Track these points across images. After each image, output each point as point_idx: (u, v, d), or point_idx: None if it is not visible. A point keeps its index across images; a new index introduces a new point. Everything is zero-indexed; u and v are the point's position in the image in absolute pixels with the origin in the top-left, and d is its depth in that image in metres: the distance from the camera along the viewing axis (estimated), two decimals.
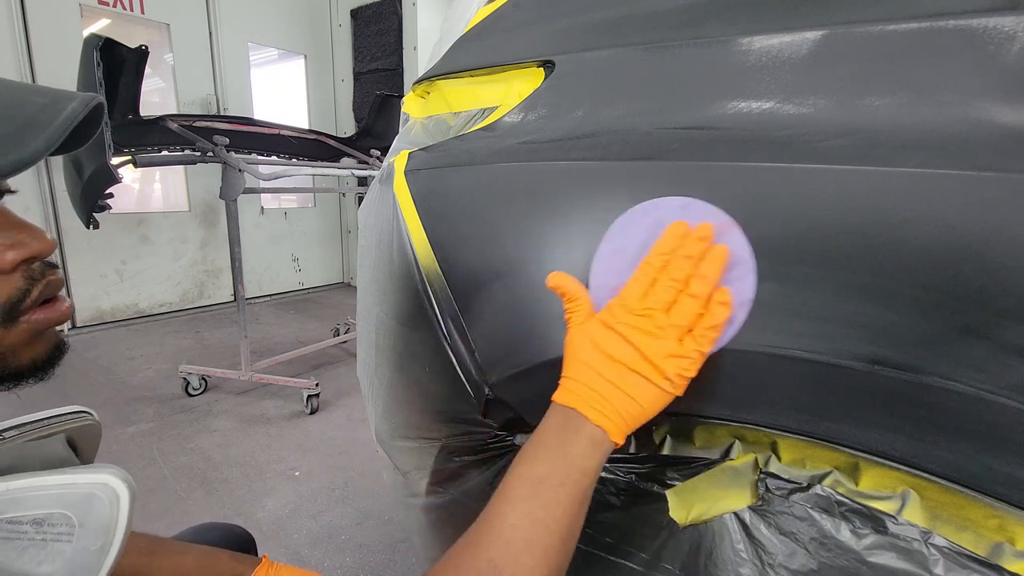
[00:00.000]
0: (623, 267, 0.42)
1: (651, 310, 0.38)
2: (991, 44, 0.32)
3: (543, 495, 0.37)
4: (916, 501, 0.37)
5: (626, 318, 0.39)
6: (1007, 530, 0.34)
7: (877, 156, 0.34)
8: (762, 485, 0.44)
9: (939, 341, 0.32)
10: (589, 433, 0.39)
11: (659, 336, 0.38)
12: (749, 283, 0.38)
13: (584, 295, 0.43)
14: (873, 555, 0.38)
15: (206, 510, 1.55)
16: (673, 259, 0.39)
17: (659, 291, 0.39)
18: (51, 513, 0.34)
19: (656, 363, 0.38)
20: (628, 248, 0.42)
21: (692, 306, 0.38)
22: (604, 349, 0.39)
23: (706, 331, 0.38)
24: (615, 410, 0.38)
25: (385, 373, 0.72)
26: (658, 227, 0.41)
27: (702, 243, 0.38)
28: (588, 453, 0.38)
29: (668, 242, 0.39)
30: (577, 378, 0.40)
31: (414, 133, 0.71)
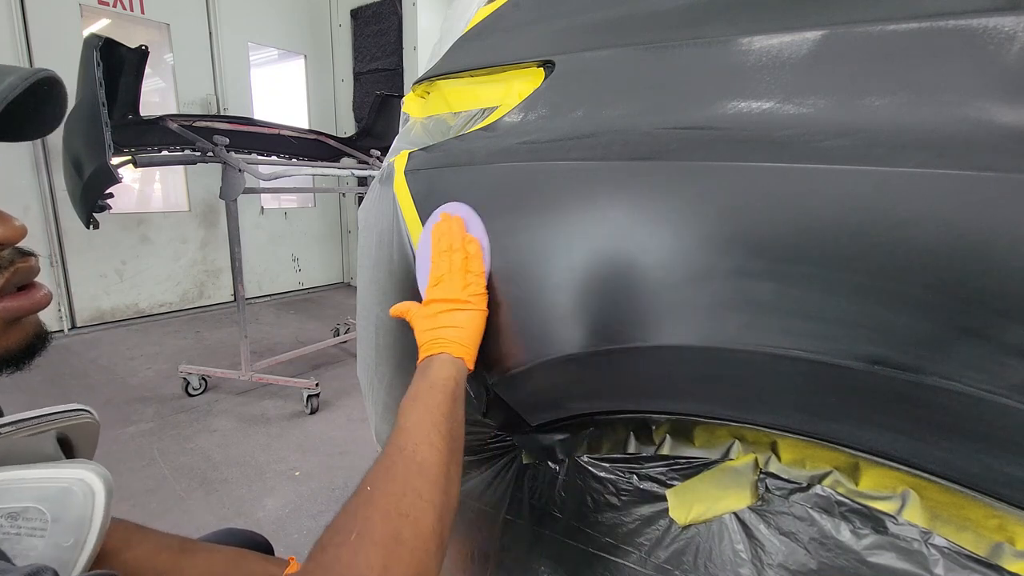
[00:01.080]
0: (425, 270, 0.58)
1: (440, 277, 0.55)
2: (991, 44, 0.32)
3: (420, 400, 0.47)
4: (916, 501, 0.37)
5: (430, 292, 0.55)
6: (1007, 530, 0.34)
7: (877, 156, 0.34)
8: (762, 485, 0.44)
9: (939, 341, 0.32)
10: (438, 359, 0.51)
11: (450, 285, 0.54)
12: (478, 226, 0.56)
13: (412, 304, 0.58)
14: (873, 555, 0.38)
15: (206, 510, 1.55)
16: (437, 242, 0.56)
17: (439, 264, 0.55)
18: (26, 507, 0.33)
19: (454, 297, 0.53)
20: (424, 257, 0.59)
21: (457, 257, 0.54)
22: (427, 314, 0.55)
23: (471, 262, 0.54)
24: (447, 339, 0.52)
25: (385, 373, 0.72)
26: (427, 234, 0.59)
27: (444, 223, 0.56)
28: (442, 368, 0.50)
29: (433, 237, 0.57)
30: (423, 340, 0.54)
31: (414, 133, 0.71)
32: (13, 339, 0.39)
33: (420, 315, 0.56)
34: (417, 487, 0.41)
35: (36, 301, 0.40)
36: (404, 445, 0.43)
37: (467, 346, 0.52)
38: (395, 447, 0.43)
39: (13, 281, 0.38)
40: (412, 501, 0.39)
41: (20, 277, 0.39)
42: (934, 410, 0.33)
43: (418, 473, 0.41)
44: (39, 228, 2.95)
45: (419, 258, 0.61)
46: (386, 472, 0.42)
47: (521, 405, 0.58)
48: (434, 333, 0.53)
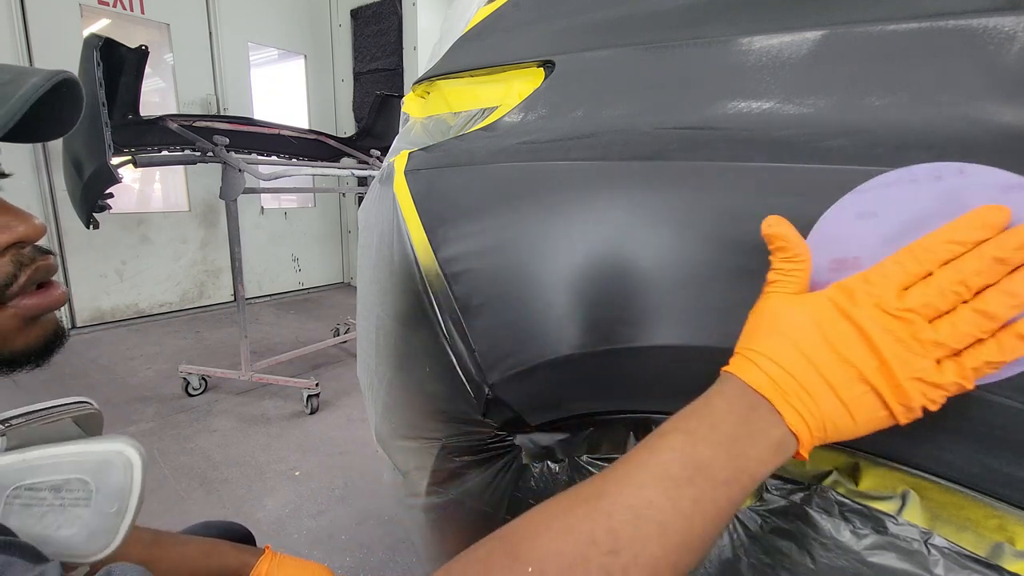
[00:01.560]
0: (872, 242, 0.32)
1: (914, 313, 0.28)
2: (991, 44, 0.32)
3: (699, 485, 0.29)
4: (916, 501, 0.37)
5: (874, 313, 0.29)
6: (1007, 530, 0.34)
7: (877, 156, 0.34)
8: (762, 485, 0.44)
9: None
10: (778, 438, 0.30)
11: (914, 350, 0.28)
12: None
13: (809, 259, 0.33)
14: (873, 555, 0.38)
15: (206, 510, 1.55)
16: (972, 256, 0.28)
17: (934, 292, 0.28)
18: (68, 479, 0.35)
19: (899, 382, 0.28)
20: (889, 218, 0.31)
21: (976, 326, 0.28)
22: (830, 339, 0.30)
23: (983, 365, 0.28)
24: (820, 420, 0.30)
25: (385, 373, 0.72)
26: (952, 204, 0.29)
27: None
28: (767, 459, 0.30)
29: (971, 229, 0.28)
30: (779, 360, 0.30)
31: (414, 133, 0.71)
32: (33, 336, 0.40)
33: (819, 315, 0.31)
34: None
35: (55, 299, 0.40)
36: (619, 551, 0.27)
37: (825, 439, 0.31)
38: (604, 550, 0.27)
39: (34, 279, 0.38)
40: None
41: (40, 275, 0.39)
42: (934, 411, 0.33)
43: None
44: None
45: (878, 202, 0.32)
46: None
47: (521, 405, 0.58)
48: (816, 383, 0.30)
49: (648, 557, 0.27)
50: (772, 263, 0.34)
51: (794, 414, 0.30)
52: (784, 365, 0.30)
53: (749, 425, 0.30)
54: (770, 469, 0.30)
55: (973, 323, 0.28)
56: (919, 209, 0.30)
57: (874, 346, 0.29)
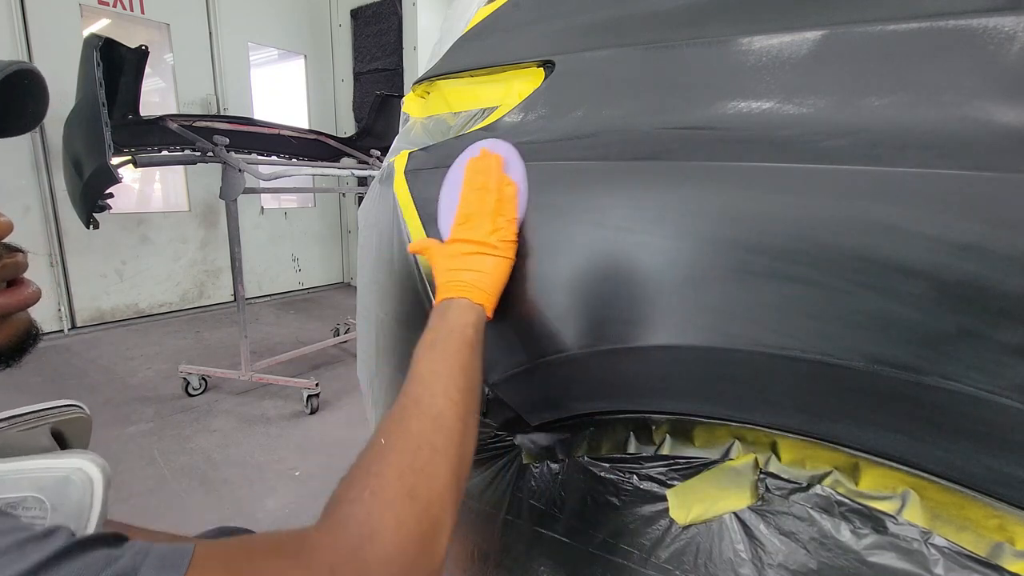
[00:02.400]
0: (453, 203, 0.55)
1: (469, 216, 0.52)
2: (991, 44, 0.32)
3: (437, 347, 0.46)
4: (916, 501, 0.37)
5: (456, 231, 0.53)
6: (1007, 530, 0.34)
7: (877, 156, 0.34)
8: (762, 485, 0.44)
9: (939, 341, 0.32)
10: (457, 304, 0.49)
11: (478, 227, 0.51)
12: (518, 168, 0.53)
13: (433, 242, 0.55)
14: (873, 555, 0.38)
15: (206, 510, 1.55)
16: (471, 178, 0.53)
17: (470, 202, 0.52)
18: (24, 497, 0.34)
19: (481, 239, 0.50)
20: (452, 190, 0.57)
21: (490, 197, 0.51)
22: (450, 254, 0.52)
23: (504, 206, 0.51)
24: (469, 283, 0.50)
25: (385, 373, 0.72)
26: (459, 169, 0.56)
27: (483, 159, 0.53)
28: (461, 314, 0.48)
29: (467, 172, 0.54)
30: (442, 280, 0.52)
31: (414, 133, 0.71)
32: (3, 336, 0.39)
33: (441, 253, 0.53)
34: (433, 441, 0.39)
35: (25, 297, 0.39)
36: (420, 397, 0.42)
37: (489, 293, 0.50)
38: (410, 399, 0.42)
39: (2, 278, 0.38)
40: (428, 456, 0.39)
41: (8, 273, 0.38)
42: (934, 410, 0.33)
43: (434, 427, 0.40)
44: (39, 228, 2.95)
45: (444, 194, 0.58)
46: (400, 425, 0.40)
47: (521, 405, 0.58)
48: (455, 275, 0.50)
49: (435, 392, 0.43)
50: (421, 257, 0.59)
51: (456, 290, 0.50)
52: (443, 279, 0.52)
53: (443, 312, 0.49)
54: (471, 317, 0.48)
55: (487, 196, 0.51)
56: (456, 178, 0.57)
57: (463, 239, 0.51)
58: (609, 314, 0.46)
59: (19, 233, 0.38)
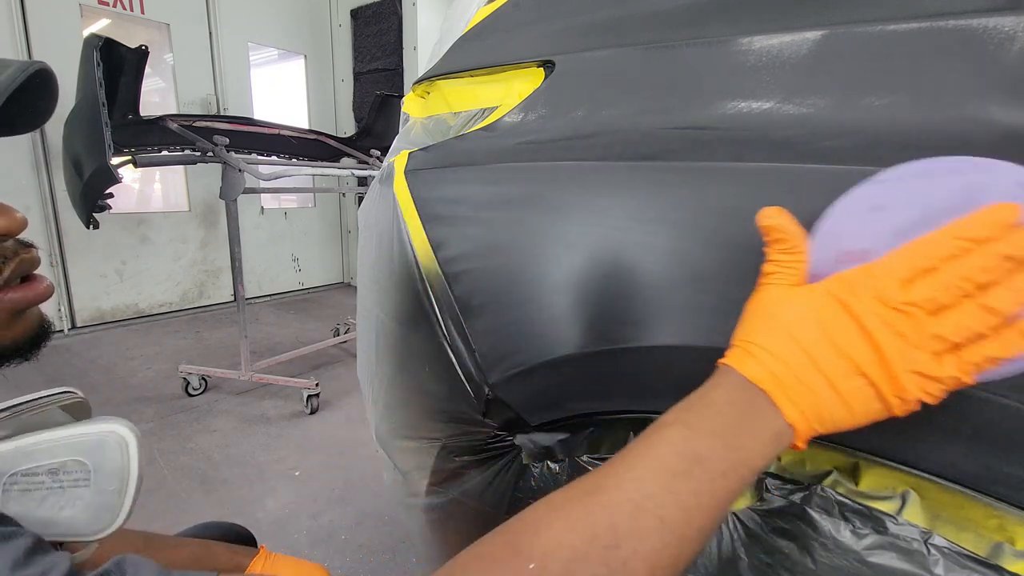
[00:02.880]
0: (881, 233, 0.31)
1: (916, 306, 0.28)
2: (991, 44, 0.32)
3: (698, 477, 0.29)
4: (916, 501, 0.37)
5: (874, 306, 0.29)
6: (1007, 530, 0.34)
7: (877, 156, 0.34)
8: (762, 485, 0.44)
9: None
10: (776, 429, 0.30)
11: (913, 342, 0.28)
12: None
13: (805, 252, 0.33)
14: (873, 555, 0.38)
15: (206, 510, 1.55)
16: (980, 252, 0.27)
17: (937, 286, 0.28)
18: (64, 462, 0.35)
19: (896, 374, 0.28)
20: (900, 212, 0.30)
21: (979, 321, 0.27)
22: (829, 332, 0.30)
23: (983, 360, 0.28)
24: (818, 411, 0.30)
25: (385, 373, 0.72)
26: (967, 201, 0.29)
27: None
28: (766, 451, 0.30)
29: (981, 226, 0.27)
30: (777, 353, 0.30)
31: (414, 133, 0.71)
32: (19, 330, 0.39)
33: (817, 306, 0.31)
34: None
35: (40, 292, 0.40)
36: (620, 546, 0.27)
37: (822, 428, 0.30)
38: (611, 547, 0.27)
39: (17, 272, 0.38)
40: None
41: (24, 268, 0.39)
42: (934, 410, 0.33)
43: None
44: (39, 228, 2.95)
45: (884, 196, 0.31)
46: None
47: (521, 405, 0.58)
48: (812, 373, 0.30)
49: (648, 550, 0.27)
50: (768, 255, 0.34)
51: (792, 407, 0.30)
52: (782, 357, 0.30)
53: (747, 417, 0.30)
54: (768, 461, 0.30)
55: (977, 318, 0.27)
56: (934, 205, 0.30)
57: (872, 340, 0.29)
58: (609, 314, 0.46)
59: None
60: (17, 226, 0.38)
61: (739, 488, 0.30)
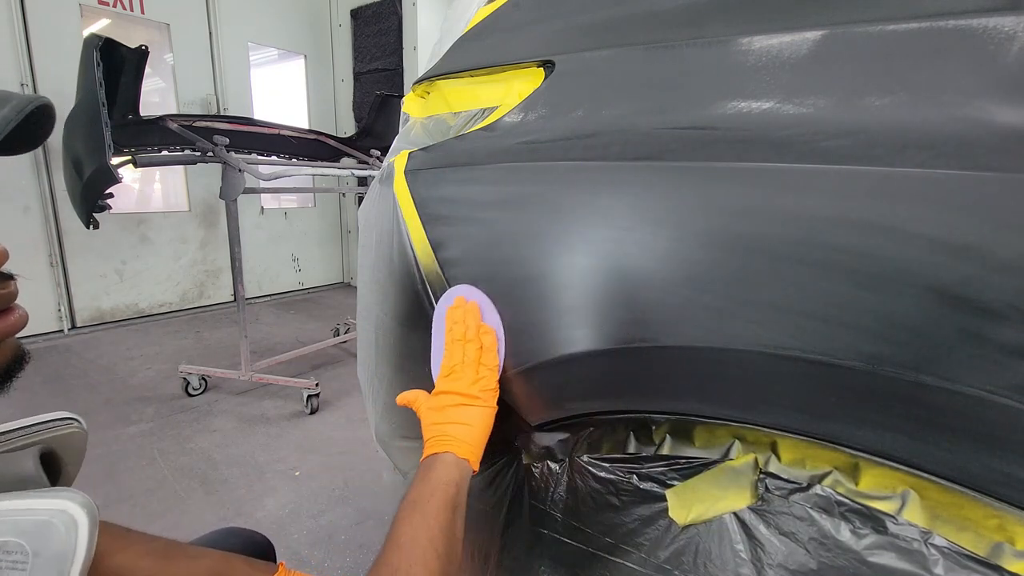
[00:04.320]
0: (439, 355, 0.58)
1: (453, 367, 0.54)
2: (991, 44, 0.32)
3: (418, 508, 0.47)
4: (916, 501, 0.37)
5: (441, 383, 0.55)
6: (1007, 530, 0.34)
7: (877, 156, 0.34)
8: (762, 485, 0.44)
9: (939, 341, 0.32)
10: (442, 459, 0.50)
11: (462, 377, 0.53)
12: (494, 316, 0.54)
13: (420, 394, 0.57)
14: (873, 555, 0.38)
15: (206, 510, 1.55)
16: (451, 329, 0.55)
17: (453, 353, 0.54)
18: (5, 541, 0.32)
19: (465, 391, 0.53)
20: (439, 344, 0.58)
21: (471, 347, 0.53)
22: (436, 407, 0.54)
23: (485, 355, 0.53)
24: (454, 437, 0.51)
25: (385, 373, 0.72)
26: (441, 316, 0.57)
27: (459, 309, 0.55)
28: (445, 471, 0.49)
29: (447, 323, 0.56)
30: (428, 435, 0.53)
31: (414, 133, 0.71)
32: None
33: (428, 406, 0.55)
34: None
35: (11, 325, 0.38)
36: (398, 567, 0.44)
37: (474, 446, 0.52)
38: (388, 568, 0.44)
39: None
40: None
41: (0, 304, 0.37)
42: (934, 410, 0.33)
43: None
44: (39, 228, 2.95)
45: (434, 340, 0.59)
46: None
47: (521, 405, 0.58)
48: (440, 428, 0.52)
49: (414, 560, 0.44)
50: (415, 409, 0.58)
51: (441, 445, 0.51)
52: (429, 435, 0.53)
53: (428, 468, 0.50)
54: (455, 474, 0.49)
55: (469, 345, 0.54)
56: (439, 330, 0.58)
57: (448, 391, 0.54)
58: (609, 314, 0.46)
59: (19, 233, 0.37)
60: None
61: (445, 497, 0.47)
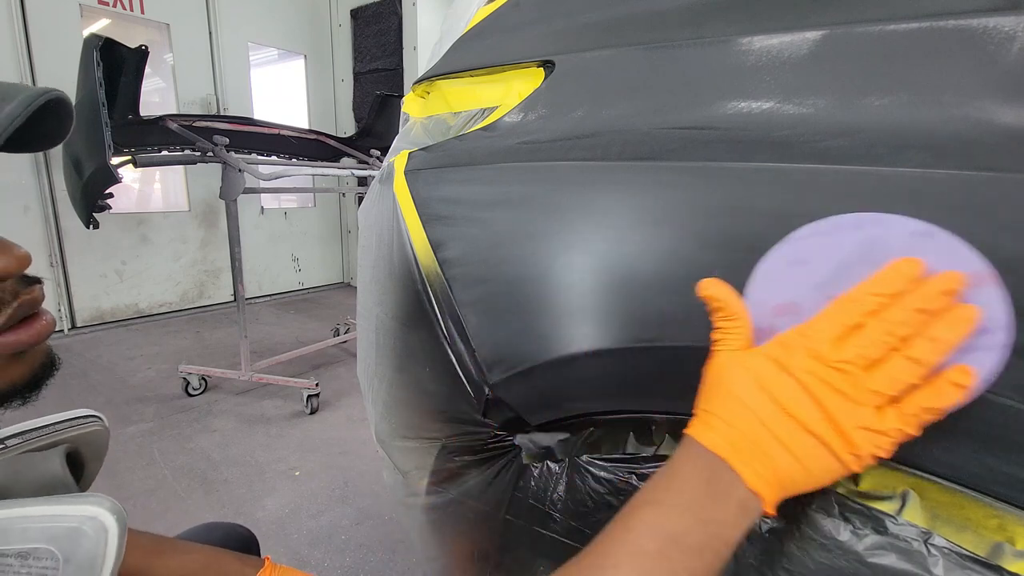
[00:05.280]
0: (805, 288, 0.33)
1: (849, 363, 0.29)
2: (991, 44, 0.32)
3: (674, 557, 0.29)
4: (916, 501, 0.37)
5: (812, 366, 0.30)
6: (1007, 530, 0.34)
7: (877, 156, 0.34)
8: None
9: None
10: (742, 498, 0.30)
11: (855, 399, 0.29)
12: (993, 359, 0.28)
13: (746, 316, 0.34)
14: (873, 556, 0.38)
15: (206, 510, 1.55)
16: (896, 307, 0.29)
17: (865, 343, 0.29)
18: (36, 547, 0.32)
19: (846, 432, 0.29)
20: (818, 265, 0.33)
21: (909, 373, 0.28)
22: (775, 396, 0.30)
23: (921, 411, 0.29)
24: (778, 475, 0.30)
25: (385, 373, 0.72)
26: (873, 252, 0.31)
27: (945, 297, 0.28)
28: (736, 521, 0.30)
29: (892, 282, 0.29)
30: (731, 421, 0.31)
31: (414, 133, 0.71)
32: (17, 373, 0.37)
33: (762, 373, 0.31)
34: None
35: (38, 332, 0.37)
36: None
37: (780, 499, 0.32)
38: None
39: (15, 317, 0.36)
40: None
41: (24, 310, 0.36)
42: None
43: None
44: (39, 228, 2.95)
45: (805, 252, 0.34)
46: None
47: (521, 405, 0.58)
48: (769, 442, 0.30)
49: None
50: (713, 322, 0.35)
51: (752, 473, 0.30)
52: (736, 425, 0.31)
53: (712, 489, 0.31)
54: (740, 531, 0.30)
55: (905, 369, 0.28)
56: (844, 257, 0.32)
57: (815, 398, 0.30)
58: (609, 314, 0.46)
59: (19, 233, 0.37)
60: (17, 265, 0.35)
61: (716, 564, 0.30)
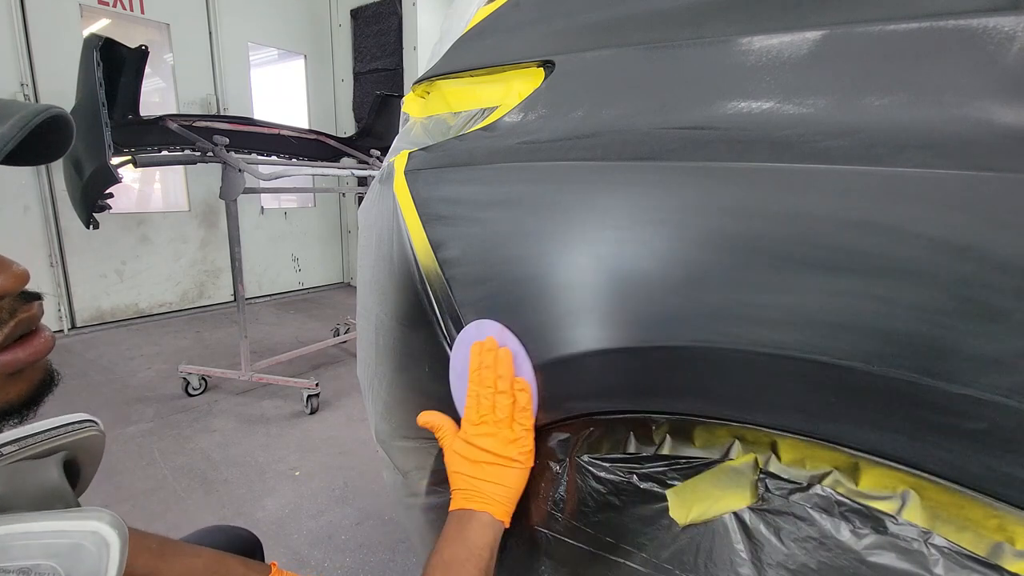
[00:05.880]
0: (463, 387, 0.55)
1: (483, 416, 0.52)
2: (991, 44, 0.32)
3: (452, 571, 0.47)
4: (916, 501, 0.37)
5: (472, 430, 0.53)
6: (1007, 530, 0.34)
7: (877, 156, 0.34)
8: (762, 485, 0.44)
9: (939, 341, 0.32)
10: (478, 519, 0.50)
11: (496, 434, 0.51)
12: (528, 368, 0.51)
13: (446, 423, 0.56)
14: (873, 555, 0.38)
15: (206, 510, 1.55)
16: (480, 372, 0.52)
17: (482, 401, 0.52)
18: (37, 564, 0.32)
19: (502, 453, 0.51)
20: (461, 372, 0.55)
21: (504, 401, 0.51)
22: (469, 458, 0.52)
23: (521, 414, 0.51)
24: (491, 496, 0.51)
25: (385, 373, 0.72)
26: (464, 348, 0.54)
27: (491, 352, 0.51)
28: (482, 533, 0.49)
29: (473, 361, 0.52)
30: (459, 487, 0.53)
31: (414, 133, 0.71)
32: (15, 391, 0.36)
33: (457, 452, 0.53)
34: None
35: (36, 350, 0.36)
36: None
37: (509, 506, 0.52)
38: None
39: (12, 335, 0.35)
40: None
41: (22, 328, 0.36)
42: (934, 410, 0.33)
43: None
44: (39, 228, 2.95)
45: (455, 368, 0.56)
46: None
47: None
48: (475, 484, 0.52)
49: None
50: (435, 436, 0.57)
51: (477, 503, 0.51)
52: (461, 487, 0.53)
53: (462, 524, 0.50)
54: (490, 537, 0.50)
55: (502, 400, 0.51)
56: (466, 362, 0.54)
57: (481, 447, 0.52)
58: (609, 315, 0.46)
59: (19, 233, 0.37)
60: (15, 283, 0.35)
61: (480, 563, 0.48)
